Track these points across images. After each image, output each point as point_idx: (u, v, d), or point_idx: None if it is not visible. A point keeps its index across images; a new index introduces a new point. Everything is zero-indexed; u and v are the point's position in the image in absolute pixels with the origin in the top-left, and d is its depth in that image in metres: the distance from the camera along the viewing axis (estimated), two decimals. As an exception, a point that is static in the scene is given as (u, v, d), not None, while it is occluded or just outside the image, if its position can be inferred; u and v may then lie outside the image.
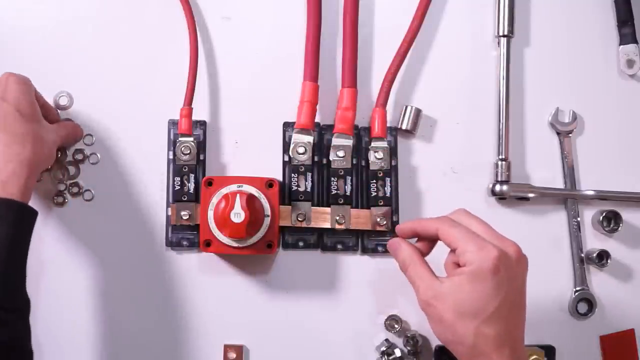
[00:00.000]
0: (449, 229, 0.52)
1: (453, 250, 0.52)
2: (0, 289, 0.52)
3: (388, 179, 0.64)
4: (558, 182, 0.67)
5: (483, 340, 0.49)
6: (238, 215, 0.59)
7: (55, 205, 0.66)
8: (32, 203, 0.65)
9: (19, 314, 0.54)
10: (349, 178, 0.63)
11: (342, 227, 0.64)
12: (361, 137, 0.66)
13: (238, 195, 0.59)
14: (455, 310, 0.50)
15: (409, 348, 0.65)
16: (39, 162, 0.57)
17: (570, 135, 0.67)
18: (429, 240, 0.56)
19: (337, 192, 0.63)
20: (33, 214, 0.56)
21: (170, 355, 0.65)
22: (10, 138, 0.55)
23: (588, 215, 0.67)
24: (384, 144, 0.64)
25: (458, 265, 0.52)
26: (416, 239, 0.57)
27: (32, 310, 0.55)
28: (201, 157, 0.65)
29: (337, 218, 0.63)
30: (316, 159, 0.65)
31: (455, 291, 0.50)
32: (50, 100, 0.65)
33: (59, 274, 0.65)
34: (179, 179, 0.64)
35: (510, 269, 0.51)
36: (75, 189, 0.66)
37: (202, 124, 0.66)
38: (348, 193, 0.63)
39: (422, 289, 0.52)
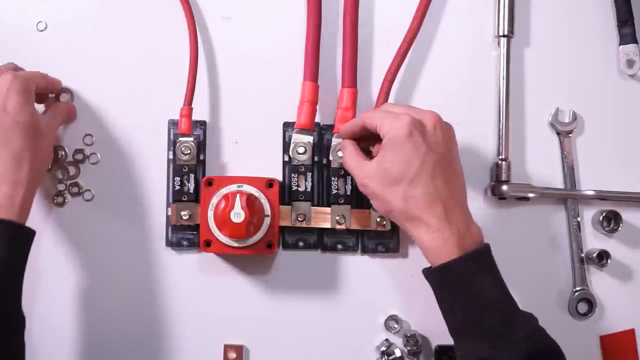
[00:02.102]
0: (370, 114, 0.57)
1: (374, 131, 0.56)
2: None
3: (388, 179, 0.64)
4: (558, 182, 0.67)
5: (413, 203, 0.53)
6: (238, 215, 0.59)
7: (55, 205, 0.66)
8: (34, 203, 0.65)
9: (13, 332, 0.54)
10: (349, 178, 0.63)
11: (342, 227, 0.64)
12: (361, 137, 0.66)
13: (238, 195, 0.59)
14: (382, 181, 0.54)
15: (409, 348, 0.65)
16: (36, 180, 0.57)
17: (570, 135, 0.67)
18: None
19: (337, 192, 0.63)
20: (30, 234, 0.56)
21: (171, 355, 0.65)
22: (8, 156, 0.55)
23: (588, 215, 0.67)
24: (384, 144, 0.64)
25: None
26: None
27: (32, 311, 0.55)
28: (201, 157, 0.65)
29: (337, 218, 0.63)
30: (316, 159, 0.65)
31: (379, 164, 0.55)
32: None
33: (59, 274, 0.65)
34: (179, 179, 0.64)
35: (426, 134, 0.54)
36: (75, 189, 0.66)
37: (202, 124, 0.66)
38: (348, 193, 0.63)
39: (356, 173, 0.57)
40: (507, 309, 0.53)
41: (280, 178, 0.65)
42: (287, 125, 0.66)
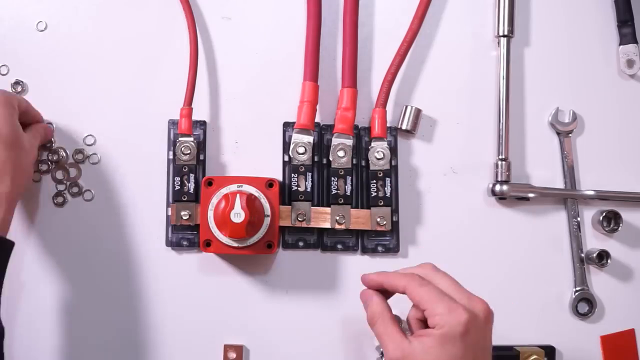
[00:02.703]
0: (417, 287, 0.51)
1: (418, 307, 0.51)
2: None
3: (388, 179, 0.64)
4: (558, 182, 0.67)
5: None
6: (238, 215, 0.59)
7: (55, 205, 0.66)
8: (33, 202, 0.65)
9: None
10: (349, 178, 0.63)
11: (342, 227, 0.64)
12: (361, 137, 0.66)
13: (238, 195, 0.59)
14: None
15: (409, 348, 0.64)
16: (17, 194, 0.57)
17: (570, 135, 0.67)
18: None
19: (337, 192, 0.63)
20: (7, 245, 0.56)
21: (171, 355, 0.65)
22: None
23: (588, 215, 0.67)
24: (384, 144, 0.64)
25: (423, 322, 0.51)
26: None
27: (38, 310, 0.54)
28: (201, 157, 0.65)
29: (337, 218, 0.63)
30: (316, 159, 0.65)
31: (424, 353, 0.49)
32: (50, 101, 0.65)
33: (58, 274, 0.65)
34: (179, 179, 0.64)
35: (479, 329, 0.50)
36: (75, 189, 0.66)
37: (202, 124, 0.66)
38: (348, 193, 0.63)
39: (390, 348, 0.51)
40: None
41: (280, 178, 0.65)
42: (287, 125, 0.66)
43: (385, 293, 0.55)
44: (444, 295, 0.51)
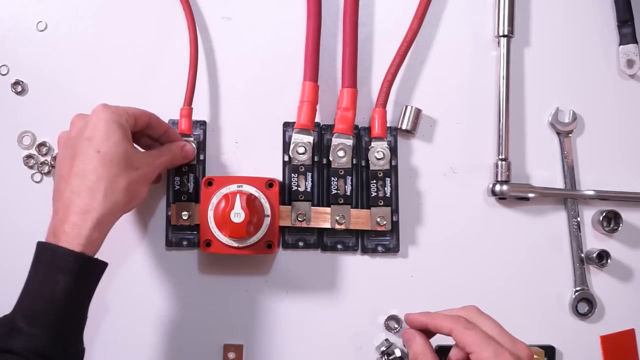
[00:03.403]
0: (463, 330, 0.52)
1: (463, 350, 0.52)
2: (52, 341, 0.50)
3: (388, 179, 0.64)
4: (558, 182, 0.67)
5: None
6: (238, 215, 0.59)
7: (55, 205, 0.66)
8: (34, 203, 0.65)
9: None
10: (349, 178, 0.63)
11: (342, 227, 0.64)
12: (361, 137, 0.66)
13: (238, 195, 0.59)
14: None
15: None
16: (111, 214, 0.53)
17: (570, 135, 0.67)
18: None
19: (337, 192, 0.63)
20: (95, 265, 0.53)
21: (171, 355, 0.65)
22: (81, 184, 0.52)
23: (588, 215, 0.67)
24: (384, 144, 0.64)
25: None
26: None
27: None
28: (201, 157, 0.65)
29: (337, 218, 0.63)
30: (316, 159, 0.65)
31: None
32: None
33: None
34: (179, 179, 0.64)
35: None
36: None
37: (202, 124, 0.66)
38: (348, 193, 0.63)
39: None
40: None
41: (280, 178, 0.65)
42: (287, 125, 0.66)
43: (428, 333, 0.56)
44: (491, 339, 0.51)
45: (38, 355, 0.49)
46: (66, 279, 0.50)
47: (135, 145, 0.59)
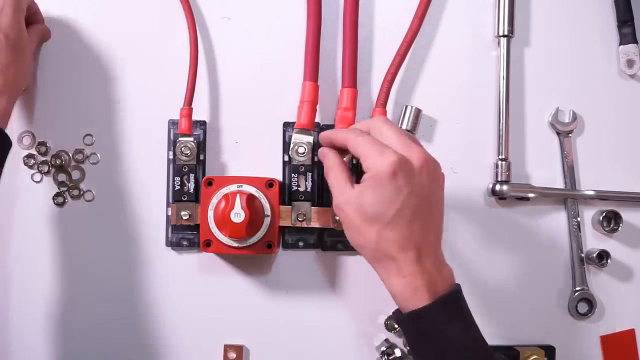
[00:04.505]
0: (355, 137, 0.53)
1: (358, 158, 0.53)
2: None
3: (388, 179, 0.64)
4: (558, 182, 0.67)
5: (386, 244, 0.51)
6: (238, 215, 0.59)
7: (55, 206, 0.66)
8: (34, 203, 0.65)
9: None
10: (349, 178, 0.63)
11: (342, 227, 0.63)
12: (361, 137, 0.66)
13: (238, 195, 0.59)
14: (359, 214, 0.51)
15: (408, 348, 0.64)
16: (17, 91, 0.60)
17: (570, 135, 0.67)
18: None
19: (337, 192, 0.63)
20: (7, 141, 0.58)
21: (171, 355, 0.65)
22: None
23: (588, 215, 0.68)
24: (384, 144, 0.64)
25: None
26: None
27: (28, 312, 0.54)
28: (201, 157, 0.65)
29: (337, 218, 0.63)
30: (316, 159, 0.65)
31: (360, 197, 0.51)
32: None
33: (58, 274, 0.65)
34: (179, 179, 0.64)
35: (410, 174, 0.51)
36: (75, 192, 0.66)
37: (202, 124, 0.66)
38: (348, 193, 0.63)
39: (335, 194, 0.54)
40: (480, 354, 0.51)
41: (280, 178, 0.65)
42: (287, 125, 0.66)
43: (346, 152, 0.57)
44: (379, 142, 0.52)
45: None
46: None
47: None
